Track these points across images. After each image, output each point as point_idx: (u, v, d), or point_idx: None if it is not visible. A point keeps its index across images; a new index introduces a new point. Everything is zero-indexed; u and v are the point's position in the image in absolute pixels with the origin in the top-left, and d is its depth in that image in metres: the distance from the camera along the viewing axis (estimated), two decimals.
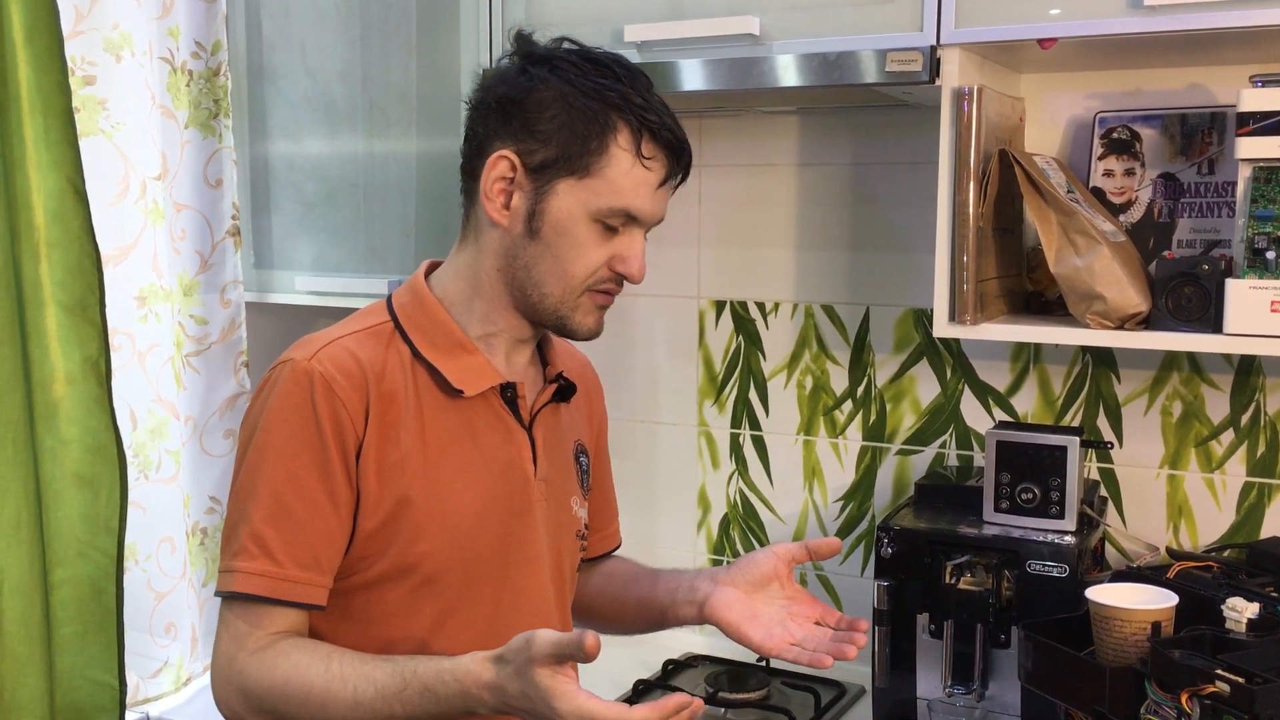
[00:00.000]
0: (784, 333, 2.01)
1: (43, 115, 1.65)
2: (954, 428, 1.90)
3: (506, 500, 1.24)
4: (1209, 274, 1.44)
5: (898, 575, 1.62)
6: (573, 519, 1.33)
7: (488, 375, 1.23)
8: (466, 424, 1.23)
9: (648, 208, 1.20)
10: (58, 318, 1.69)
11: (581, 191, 1.18)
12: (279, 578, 1.14)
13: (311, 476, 1.14)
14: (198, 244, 1.99)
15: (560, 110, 1.17)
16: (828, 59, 1.56)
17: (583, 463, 1.38)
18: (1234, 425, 1.71)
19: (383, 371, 1.19)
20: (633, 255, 1.21)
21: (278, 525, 1.13)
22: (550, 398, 1.31)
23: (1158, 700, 1.24)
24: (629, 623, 1.44)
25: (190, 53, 1.95)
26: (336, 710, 1.10)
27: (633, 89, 1.18)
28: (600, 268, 1.21)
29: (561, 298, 1.21)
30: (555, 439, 1.31)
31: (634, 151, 1.17)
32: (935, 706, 1.62)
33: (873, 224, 1.93)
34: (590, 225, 1.19)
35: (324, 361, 1.16)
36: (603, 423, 1.48)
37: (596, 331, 1.25)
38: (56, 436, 1.70)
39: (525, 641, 1.04)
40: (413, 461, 1.18)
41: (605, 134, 1.17)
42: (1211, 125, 1.66)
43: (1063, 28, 1.46)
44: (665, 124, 1.19)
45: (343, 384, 1.15)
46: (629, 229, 1.21)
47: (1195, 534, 1.74)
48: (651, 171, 1.19)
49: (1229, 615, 1.32)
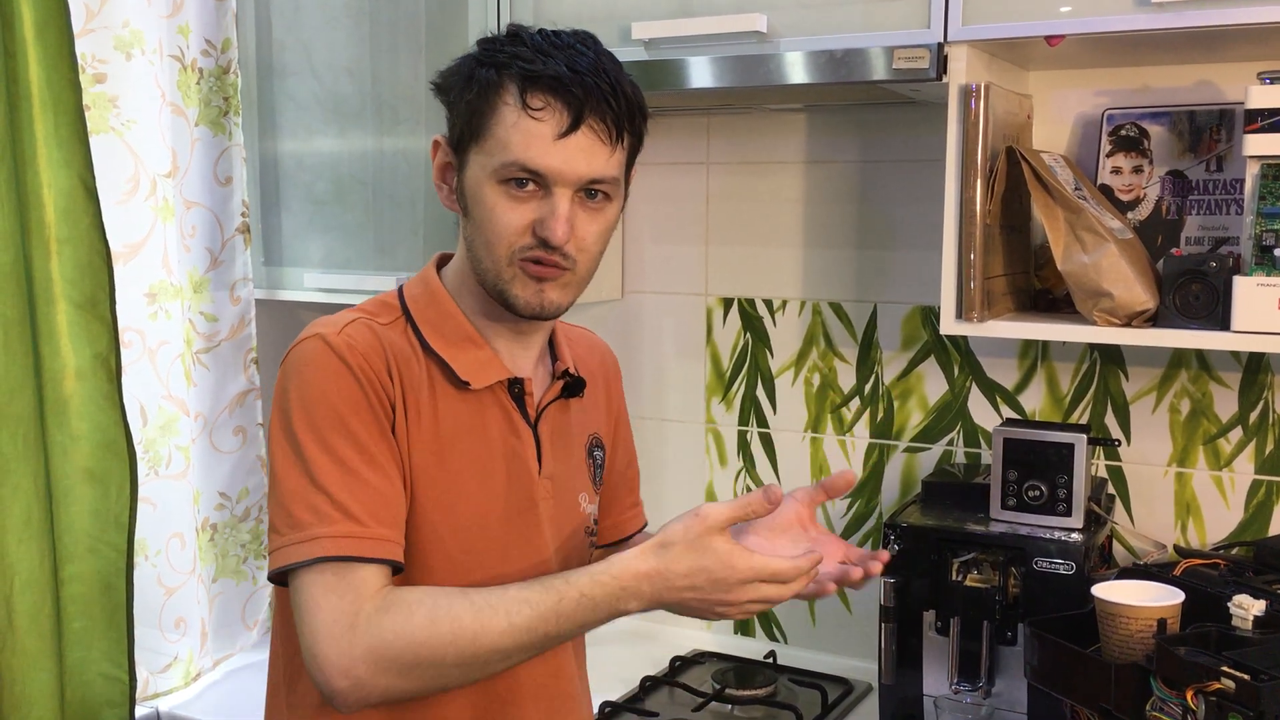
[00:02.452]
0: (791, 330, 2.01)
1: (53, 113, 1.66)
2: (961, 425, 1.90)
3: (510, 496, 1.22)
4: (1216, 271, 1.44)
5: (905, 572, 1.63)
6: (580, 515, 1.31)
7: (495, 369, 1.22)
8: (477, 416, 1.21)
9: (547, 161, 1.12)
10: (68, 314, 1.70)
11: (481, 155, 1.15)
12: (369, 537, 1.11)
13: (371, 439, 1.13)
14: (208, 241, 2.00)
15: (460, 83, 1.17)
16: (835, 56, 1.56)
17: (596, 457, 1.34)
18: (1242, 423, 1.71)
19: (399, 358, 1.18)
20: (551, 216, 1.13)
21: (351, 490, 1.11)
22: (558, 394, 1.29)
23: (1163, 697, 1.23)
24: None
25: (200, 50, 1.96)
26: (489, 640, 1.08)
27: (530, 47, 1.14)
28: (521, 233, 1.14)
29: (495, 270, 1.17)
30: (563, 435, 1.29)
31: (519, 105, 1.12)
32: (942, 703, 1.62)
33: (880, 221, 1.93)
34: (496, 188, 1.14)
35: (354, 336, 1.16)
36: (621, 408, 1.43)
37: (539, 307, 1.17)
38: (67, 432, 1.71)
39: (694, 517, 1.09)
40: (427, 448, 1.18)
41: (491, 93, 1.14)
42: (1220, 122, 1.65)
43: (1070, 25, 1.45)
44: (555, 73, 1.12)
45: (375, 359, 1.16)
46: (548, 190, 1.14)
47: (1203, 532, 1.74)
48: (543, 122, 1.12)
49: (1235, 612, 1.32)
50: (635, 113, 1.17)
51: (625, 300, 2.14)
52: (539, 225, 1.14)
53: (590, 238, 1.17)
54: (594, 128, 1.13)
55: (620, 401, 1.43)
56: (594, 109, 1.13)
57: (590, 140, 1.14)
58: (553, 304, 1.18)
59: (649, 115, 1.21)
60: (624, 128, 1.16)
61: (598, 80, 1.13)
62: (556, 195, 1.14)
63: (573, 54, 1.14)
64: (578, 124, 1.12)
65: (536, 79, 1.12)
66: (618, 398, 1.43)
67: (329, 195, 2.05)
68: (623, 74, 1.17)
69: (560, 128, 1.12)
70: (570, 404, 1.31)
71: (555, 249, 1.14)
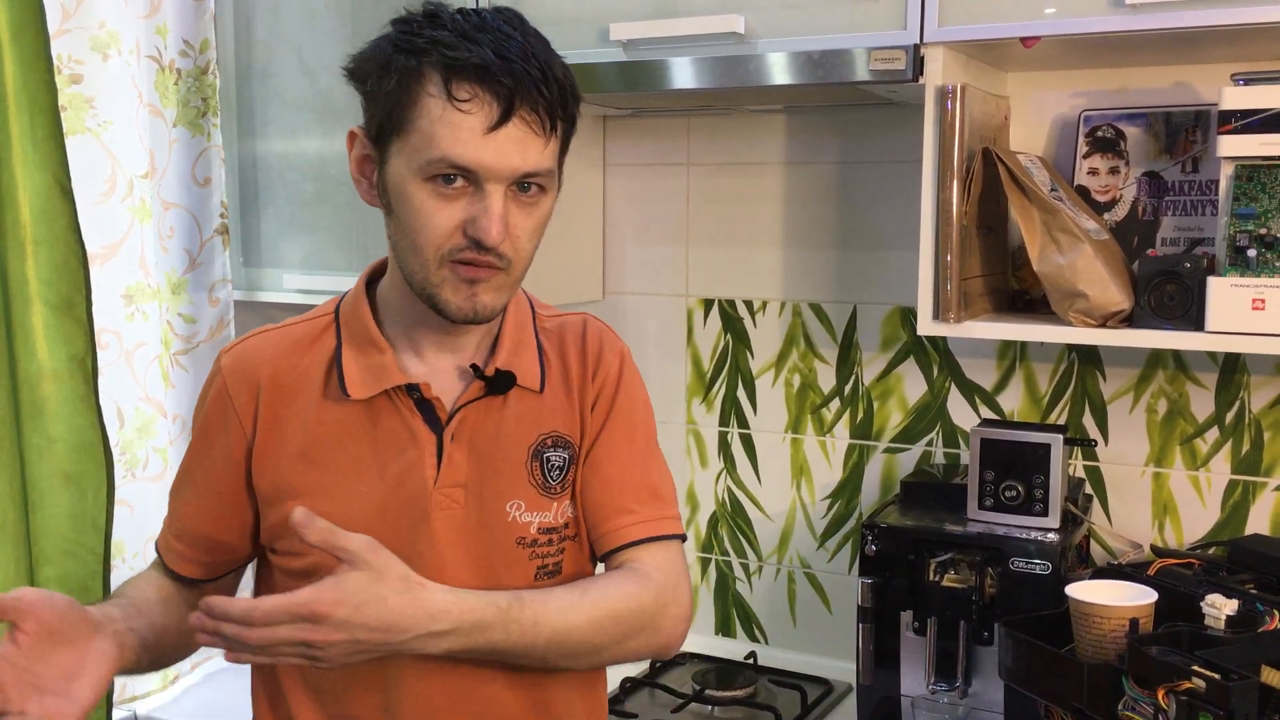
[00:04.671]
0: (772, 331, 2.01)
1: (29, 113, 1.65)
2: (941, 426, 1.90)
3: (401, 508, 1.14)
4: (1191, 272, 1.45)
5: (882, 573, 1.63)
6: (507, 525, 1.16)
7: (388, 376, 1.15)
8: (368, 426, 1.15)
9: (477, 157, 1.04)
10: (44, 316, 1.69)
11: (404, 151, 1.07)
12: (163, 547, 1.27)
13: (193, 458, 1.23)
14: (186, 242, 1.99)
15: (377, 70, 1.08)
16: (812, 57, 1.56)
17: (550, 459, 1.19)
18: (1219, 423, 1.71)
19: (290, 369, 1.17)
20: (483, 214, 1.05)
21: (174, 500, 1.26)
22: (479, 395, 1.17)
23: (1135, 697, 1.24)
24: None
25: (178, 51, 1.96)
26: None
27: (453, 33, 1.06)
28: (451, 234, 1.07)
29: (423, 274, 1.09)
30: (489, 439, 1.17)
31: (443, 95, 1.04)
32: (919, 703, 1.62)
33: (860, 222, 1.93)
34: (422, 186, 1.06)
35: (232, 357, 1.20)
36: (611, 403, 1.23)
37: (471, 312, 1.10)
38: (43, 435, 1.70)
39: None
40: (294, 460, 1.16)
41: (411, 83, 1.05)
42: (1195, 123, 1.66)
43: (1045, 26, 1.46)
44: (481, 60, 1.04)
45: (238, 384, 1.18)
46: (479, 187, 1.06)
47: (1180, 531, 1.75)
48: (470, 114, 1.04)
49: (1208, 612, 1.33)
50: (569, 99, 1.10)
51: (606, 301, 2.13)
52: (470, 225, 1.07)
53: (524, 235, 1.10)
54: (526, 118, 1.06)
55: (608, 396, 1.23)
56: (525, 98, 1.05)
57: (522, 132, 1.06)
58: (486, 307, 1.11)
59: (581, 99, 1.13)
60: (557, 116, 1.09)
61: (527, 66, 1.05)
62: (488, 192, 1.06)
63: (499, 37, 1.06)
64: (508, 116, 1.05)
65: (461, 67, 1.04)
66: (602, 392, 1.23)
67: (309, 196, 2.05)
68: (554, 57, 1.10)
69: (490, 120, 1.04)
70: (509, 403, 1.18)
71: (489, 250, 1.07)
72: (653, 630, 1.15)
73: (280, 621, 0.97)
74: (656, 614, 1.14)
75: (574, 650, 1.11)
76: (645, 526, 1.19)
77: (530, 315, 1.24)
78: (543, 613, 1.08)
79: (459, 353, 1.19)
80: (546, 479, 1.19)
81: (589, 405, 1.22)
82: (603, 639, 1.12)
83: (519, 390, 1.19)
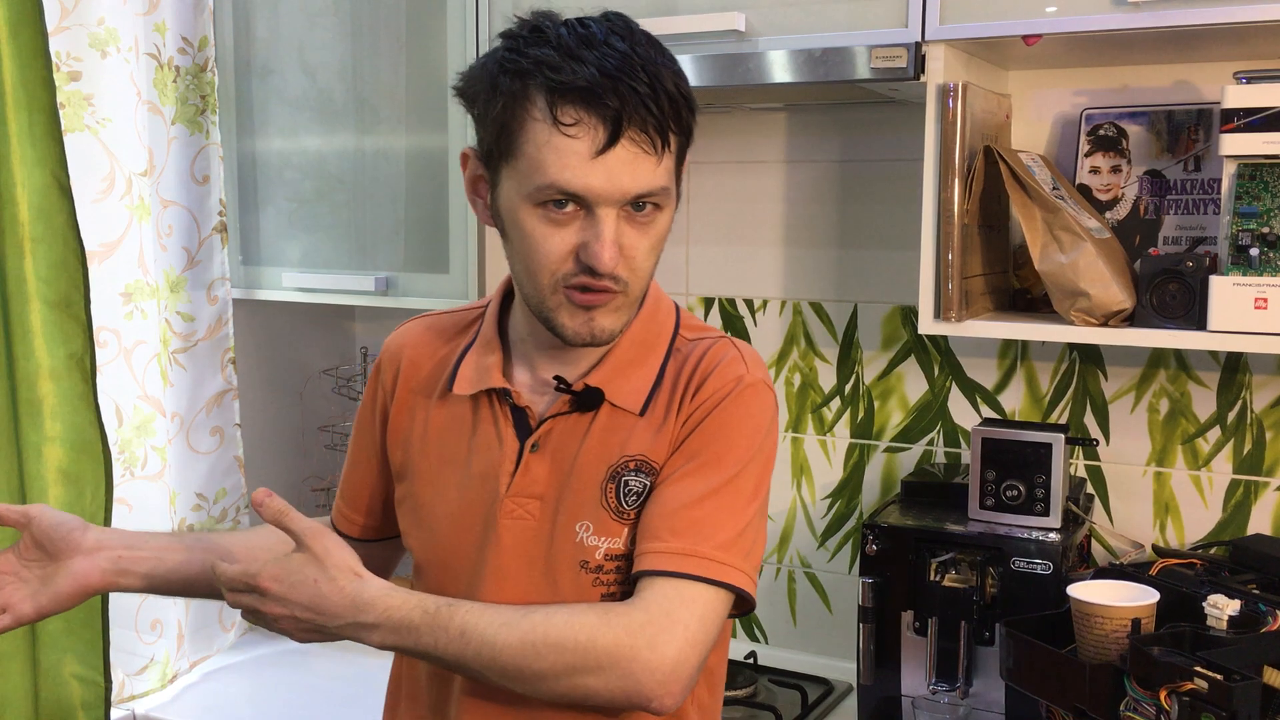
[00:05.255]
0: (772, 330, 2.01)
1: (27, 111, 1.65)
2: (941, 425, 1.89)
3: (476, 510, 1.15)
4: (1193, 271, 1.44)
5: (883, 572, 1.62)
6: (573, 546, 1.11)
7: (489, 378, 1.15)
8: (469, 424, 1.17)
9: (586, 181, 1.01)
10: (42, 314, 1.68)
11: (514, 176, 1.04)
12: (336, 513, 1.33)
13: (355, 427, 1.30)
14: (185, 240, 1.99)
15: (485, 92, 1.06)
16: (813, 55, 1.56)
17: (629, 483, 1.11)
18: (1220, 422, 1.71)
19: (429, 356, 1.22)
20: (595, 240, 1.02)
21: (345, 470, 1.33)
22: (565, 409, 1.13)
23: (1137, 697, 1.23)
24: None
25: (177, 48, 1.95)
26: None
27: (559, 51, 1.01)
28: (564, 260, 1.04)
29: (539, 298, 1.08)
30: (571, 453, 1.13)
31: (549, 120, 1.01)
32: (920, 703, 1.61)
33: (860, 221, 1.93)
34: (532, 211, 1.04)
35: (391, 337, 1.27)
36: (699, 426, 1.12)
37: (589, 336, 1.08)
38: (41, 433, 1.69)
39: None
40: (410, 446, 1.21)
41: (517, 106, 1.02)
42: (1198, 122, 1.65)
43: (1047, 24, 1.45)
44: (586, 80, 1.00)
45: (387, 363, 1.25)
46: (590, 211, 1.03)
47: (1182, 531, 1.74)
48: (577, 139, 1.00)
49: (1210, 612, 1.32)
50: (681, 111, 1.04)
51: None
52: (583, 250, 1.03)
53: (640, 254, 1.06)
54: (635, 139, 1.01)
55: (698, 418, 1.11)
56: (633, 118, 1.00)
57: (632, 153, 1.01)
58: (604, 331, 1.08)
59: (697, 107, 1.07)
60: (669, 130, 1.03)
61: (635, 84, 1.00)
62: (600, 217, 1.02)
63: (605, 53, 1.01)
64: (616, 138, 1.00)
65: (566, 90, 1.00)
66: (695, 413, 1.12)
67: (309, 194, 2.04)
68: (664, 67, 1.04)
69: (597, 144, 1.00)
70: (598, 420, 1.12)
71: (603, 275, 1.04)
72: (614, 672, 1.02)
73: (239, 589, 1.07)
74: (616, 654, 1.02)
75: (508, 672, 1.03)
76: (665, 559, 1.06)
77: (670, 333, 1.17)
78: (473, 625, 1.03)
79: (569, 365, 1.15)
80: (621, 503, 1.11)
81: (681, 422, 1.12)
82: (540, 666, 1.03)
83: (613, 409, 1.13)
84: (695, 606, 1.05)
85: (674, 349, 1.16)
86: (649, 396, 1.13)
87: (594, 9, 1.08)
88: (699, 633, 1.04)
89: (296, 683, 1.94)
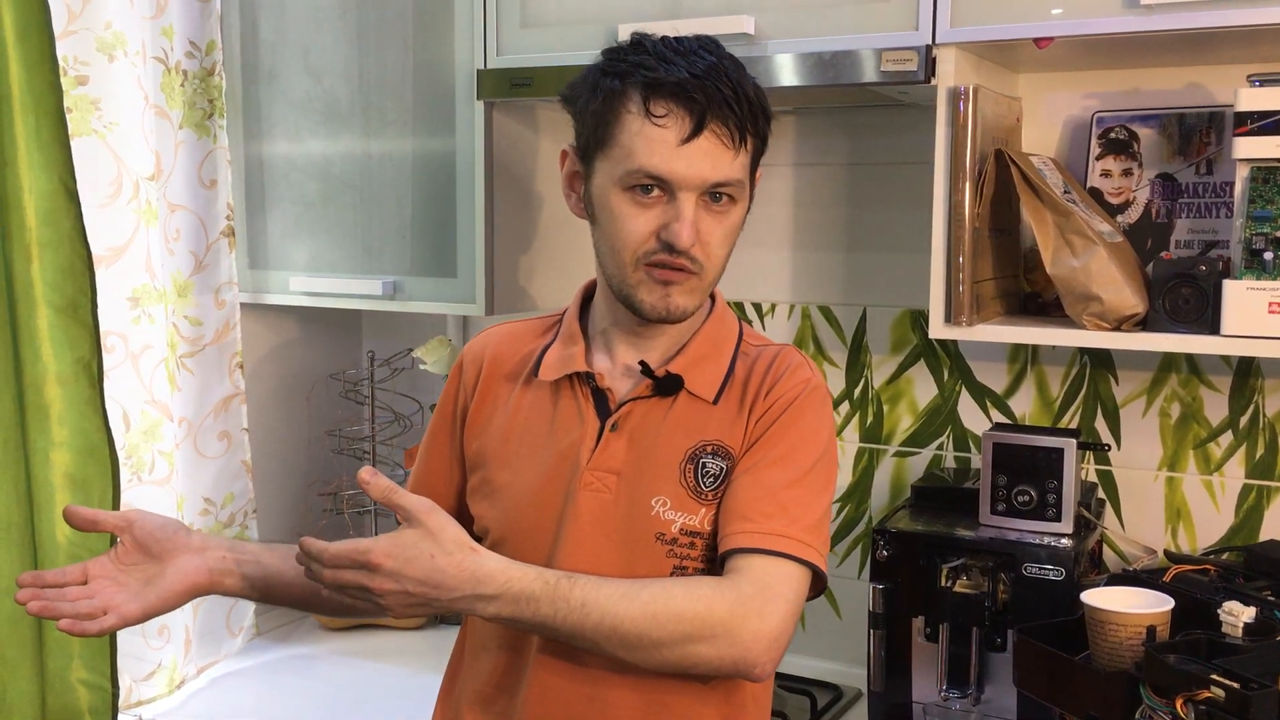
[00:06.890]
0: (781, 333, 2.00)
1: (34, 115, 1.65)
2: (951, 429, 1.88)
3: (557, 484, 1.24)
4: (1206, 275, 1.43)
5: (894, 578, 1.62)
6: (651, 520, 1.21)
7: (573, 363, 1.27)
8: (551, 406, 1.28)
9: (671, 167, 1.15)
10: (49, 319, 1.68)
11: (607, 163, 1.18)
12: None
13: (433, 430, 1.38)
14: (192, 244, 1.98)
15: (586, 93, 1.21)
16: (823, 58, 1.55)
17: (706, 465, 1.22)
18: (1233, 427, 1.70)
19: (511, 354, 1.33)
20: (676, 220, 1.16)
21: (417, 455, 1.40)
22: (646, 393, 1.25)
23: (1153, 705, 1.22)
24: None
25: (184, 52, 1.95)
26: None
27: (654, 57, 1.17)
28: (647, 238, 1.18)
29: (621, 276, 1.20)
30: (651, 434, 1.24)
31: (642, 112, 1.16)
32: (931, 710, 1.61)
33: (870, 224, 1.92)
34: (622, 195, 1.18)
35: (474, 341, 1.37)
36: (776, 421, 1.23)
37: (665, 310, 1.20)
38: (48, 438, 1.69)
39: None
40: (497, 431, 1.30)
41: (615, 102, 1.17)
42: (1210, 125, 1.64)
43: (1059, 27, 1.45)
44: (676, 79, 1.14)
45: (470, 361, 1.35)
46: (673, 196, 1.16)
47: (1194, 537, 1.73)
48: (665, 128, 1.15)
49: (1225, 619, 1.31)
50: (758, 115, 1.20)
51: None
52: (664, 230, 1.17)
53: (715, 241, 1.19)
54: (716, 132, 1.15)
55: (775, 413, 1.23)
56: (716, 113, 1.15)
57: (713, 144, 1.16)
58: (679, 307, 1.20)
59: (773, 118, 1.23)
60: (746, 130, 1.18)
61: (719, 85, 1.15)
62: (681, 200, 1.16)
63: (694, 59, 1.17)
64: (700, 129, 1.15)
65: (659, 86, 1.15)
66: (771, 409, 1.23)
67: (316, 198, 2.04)
68: (745, 77, 1.19)
69: (683, 133, 1.15)
70: (676, 406, 1.24)
71: (681, 253, 1.17)
72: (725, 640, 1.11)
73: (344, 565, 1.08)
74: (730, 624, 1.11)
75: (627, 641, 1.11)
76: (757, 537, 1.17)
77: (736, 338, 1.30)
78: (593, 596, 1.11)
79: (647, 353, 1.27)
80: (699, 483, 1.22)
81: (756, 418, 1.24)
82: (659, 635, 1.11)
83: (690, 397, 1.25)
84: (791, 582, 1.16)
85: (740, 351, 1.29)
86: (721, 387, 1.25)
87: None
88: (795, 606, 1.16)
89: (304, 688, 1.94)
